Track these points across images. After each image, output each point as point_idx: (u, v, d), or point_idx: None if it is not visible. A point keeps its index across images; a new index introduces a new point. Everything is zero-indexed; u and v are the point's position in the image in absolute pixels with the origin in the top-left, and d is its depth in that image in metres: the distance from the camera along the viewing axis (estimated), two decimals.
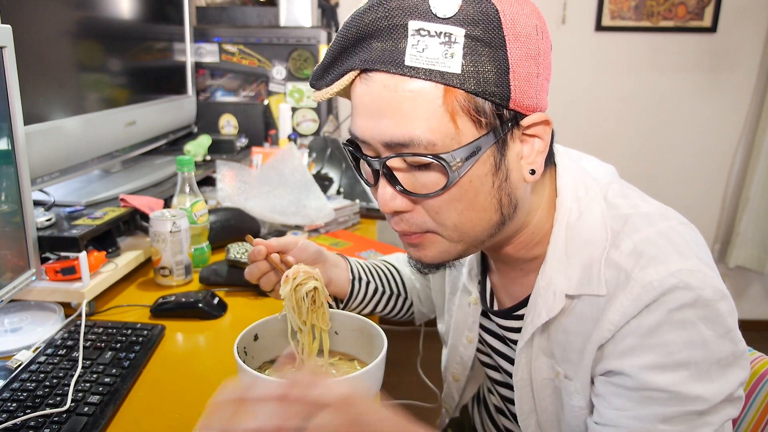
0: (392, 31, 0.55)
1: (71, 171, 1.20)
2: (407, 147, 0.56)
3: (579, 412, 0.68)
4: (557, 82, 2.74)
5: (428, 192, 0.58)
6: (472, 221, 0.60)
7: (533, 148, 0.61)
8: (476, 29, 0.54)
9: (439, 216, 0.60)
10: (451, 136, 0.56)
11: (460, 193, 0.58)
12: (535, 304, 0.68)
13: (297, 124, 1.93)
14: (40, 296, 0.99)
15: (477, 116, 0.56)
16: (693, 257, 0.59)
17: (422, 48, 0.54)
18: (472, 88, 0.55)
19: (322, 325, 0.75)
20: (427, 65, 0.54)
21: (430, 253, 0.64)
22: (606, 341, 0.62)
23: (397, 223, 0.63)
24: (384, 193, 0.61)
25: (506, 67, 0.55)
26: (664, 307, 0.57)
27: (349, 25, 0.58)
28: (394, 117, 0.56)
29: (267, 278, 0.84)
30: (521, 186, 0.62)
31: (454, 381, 0.93)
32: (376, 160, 0.60)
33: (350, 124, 0.63)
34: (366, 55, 0.57)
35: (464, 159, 0.56)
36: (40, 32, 1.08)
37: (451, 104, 0.55)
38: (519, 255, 0.71)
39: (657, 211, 0.66)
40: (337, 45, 0.59)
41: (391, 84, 0.56)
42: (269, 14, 1.96)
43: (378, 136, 0.58)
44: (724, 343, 0.57)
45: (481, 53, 0.54)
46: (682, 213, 0.68)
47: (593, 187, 0.68)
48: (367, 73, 0.58)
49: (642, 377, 0.59)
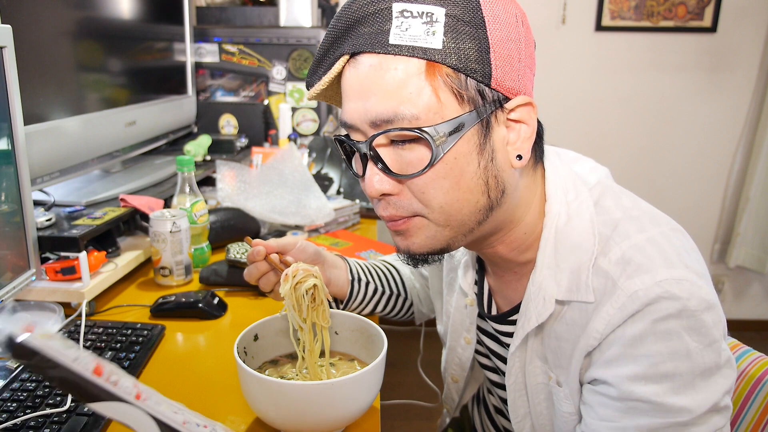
0: (378, 15, 0.58)
1: (71, 171, 1.20)
2: (392, 122, 0.58)
3: (569, 418, 0.68)
4: (557, 82, 2.76)
5: (414, 171, 0.59)
6: (458, 202, 0.60)
7: (519, 134, 0.62)
8: (456, 9, 0.57)
9: (425, 196, 0.60)
10: (435, 110, 0.57)
11: (446, 170, 0.59)
12: (526, 309, 0.68)
13: (297, 124, 1.93)
14: (40, 296, 0.99)
15: (459, 91, 0.57)
16: (681, 266, 0.59)
17: (405, 28, 0.57)
18: (454, 63, 0.57)
19: (322, 322, 0.76)
20: (410, 42, 0.57)
21: (417, 239, 0.64)
22: (593, 349, 0.62)
23: (384, 208, 0.63)
24: (371, 175, 0.61)
25: (487, 46, 0.57)
26: (648, 317, 0.57)
27: (339, 15, 0.61)
28: (380, 94, 0.58)
29: (266, 279, 0.84)
30: (508, 170, 0.62)
31: (454, 382, 0.93)
32: (364, 143, 0.61)
33: (341, 114, 0.64)
34: (354, 40, 0.59)
35: (447, 134, 0.57)
36: (40, 32, 1.09)
37: (434, 79, 0.57)
38: (511, 256, 0.70)
39: (648, 216, 0.66)
40: (328, 36, 0.62)
41: (377, 63, 0.58)
42: (269, 14, 1.96)
43: (365, 116, 0.59)
44: (708, 354, 0.57)
45: (461, 31, 0.57)
46: (682, 213, 0.68)
47: (583, 191, 0.68)
48: (355, 57, 0.60)
49: (625, 387, 0.59)
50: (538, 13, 2.49)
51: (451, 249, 0.66)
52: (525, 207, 0.67)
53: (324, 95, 0.66)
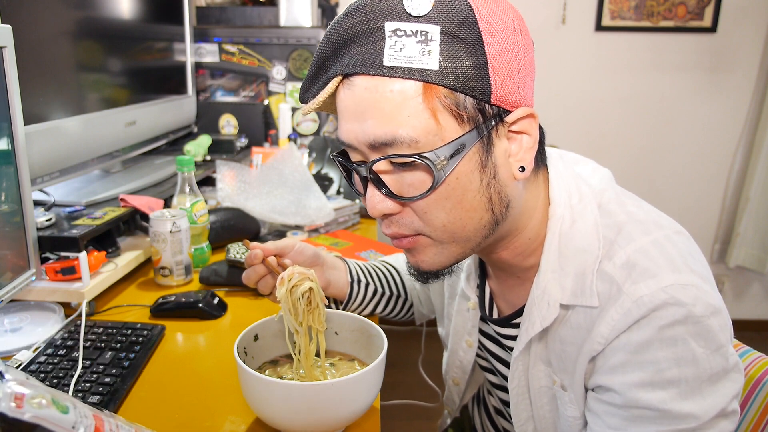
0: (370, 35, 0.56)
1: (71, 171, 1.20)
2: (391, 146, 0.56)
3: (573, 422, 0.67)
4: (557, 82, 2.76)
5: (415, 194, 0.58)
6: (461, 220, 0.60)
7: (521, 145, 0.61)
8: (451, 26, 0.54)
9: (427, 215, 0.60)
10: (434, 133, 0.56)
11: (447, 192, 0.58)
12: (530, 314, 0.67)
13: (297, 124, 1.93)
14: (40, 296, 0.99)
15: (458, 112, 0.56)
16: (686, 270, 0.59)
17: (400, 48, 0.55)
18: (452, 83, 0.55)
19: (317, 326, 0.75)
20: (406, 64, 0.55)
21: (426, 257, 0.64)
22: (597, 354, 0.61)
23: (387, 226, 0.63)
24: (372, 196, 0.60)
25: (484, 62, 0.55)
26: (654, 324, 0.57)
27: (329, 34, 0.59)
28: (377, 117, 0.56)
29: (264, 282, 0.84)
30: (511, 184, 0.61)
31: (455, 384, 0.93)
32: (363, 166, 0.60)
33: (337, 132, 0.63)
34: (347, 60, 0.57)
35: (448, 157, 0.56)
36: (40, 32, 1.08)
37: (432, 101, 0.55)
38: (515, 262, 0.70)
39: (652, 219, 0.65)
40: (319, 55, 0.60)
41: (372, 85, 0.56)
42: (269, 14, 1.96)
43: (362, 138, 0.58)
44: (715, 359, 0.57)
45: (458, 49, 0.55)
46: (682, 213, 0.67)
47: (587, 194, 0.68)
48: (349, 78, 0.58)
49: (631, 395, 0.58)
50: (538, 13, 2.49)
51: (461, 261, 0.66)
52: (529, 213, 0.67)
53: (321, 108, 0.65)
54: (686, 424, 0.57)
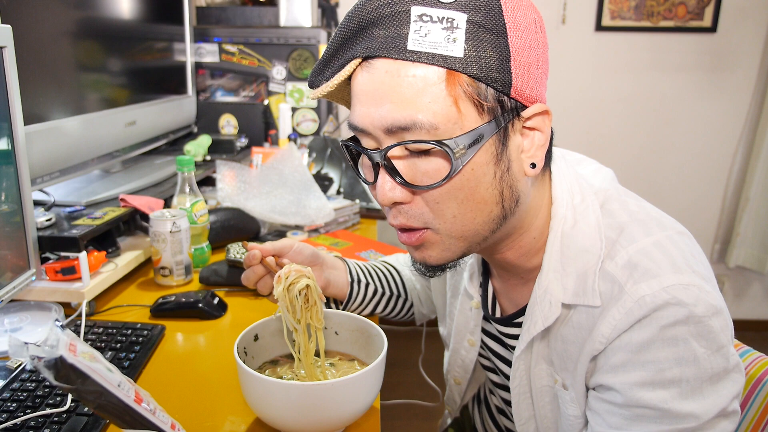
0: (395, 18, 0.55)
1: (71, 171, 1.20)
2: (409, 131, 0.56)
3: (574, 421, 0.67)
4: (557, 82, 2.76)
5: (430, 183, 0.57)
6: (472, 212, 0.59)
7: (533, 142, 0.61)
8: (478, 15, 0.54)
9: (438, 206, 0.59)
10: (454, 121, 0.55)
11: (462, 182, 0.57)
12: (532, 313, 0.67)
13: (297, 124, 1.93)
14: (40, 296, 0.99)
15: (479, 101, 0.56)
16: (688, 270, 0.59)
17: (425, 33, 0.54)
18: (475, 72, 0.55)
19: (316, 323, 0.75)
20: (430, 49, 0.54)
21: (433, 253, 0.63)
22: (598, 353, 0.61)
23: (395, 216, 0.62)
24: (383, 184, 0.59)
25: (507, 54, 0.55)
26: (655, 324, 0.57)
27: (351, 15, 0.58)
28: (396, 101, 0.55)
29: (263, 282, 0.84)
30: (522, 179, 0.61)
31: (456, 384, 0.93)
32: (377, 152, 0.59)
33: (349, 117, 0.61)
34: (368, 43, 0.57)
35: (467, 146, 0.56)
36: (40, 32, 1.08)
37: (454, 88, 0.55)
38: (519, 263, 0.70)
39: (654, 219, 0.65)
40: (338, 36, 0.59)
41: (394, 69, 0.55)
42: (269, 14, 1.96)
43: (379, 122, 0.57)
44: (716, 359, 0.57)
45: (483, 39, 0.55)
46: (682, 213, 0.68)
47: (589, 194, 0.68)
48: (369, 61, 0.57)
49: (632, 394, 0.58)
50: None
51: (465, 256, 0.65)
52: (535, 212, 0.67)
53: (328, 95, 0.64)
54: (687, 424, 0.57)
